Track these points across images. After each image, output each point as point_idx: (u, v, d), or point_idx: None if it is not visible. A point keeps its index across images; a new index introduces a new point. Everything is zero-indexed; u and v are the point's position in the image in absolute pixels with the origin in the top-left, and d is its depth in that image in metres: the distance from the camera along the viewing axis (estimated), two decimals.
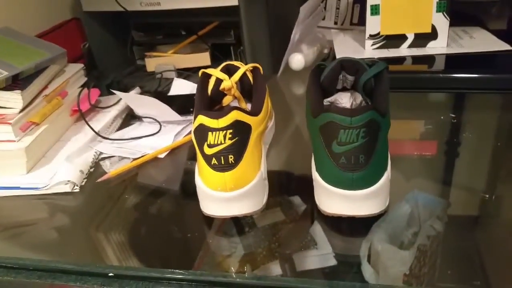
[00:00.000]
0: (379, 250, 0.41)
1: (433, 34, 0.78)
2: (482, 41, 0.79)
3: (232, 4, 0.73)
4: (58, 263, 0.45)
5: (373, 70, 0.47)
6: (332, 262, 0.40)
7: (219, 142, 0.42)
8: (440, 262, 0.39)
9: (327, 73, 0.49)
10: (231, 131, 0.42)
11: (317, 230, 0.45)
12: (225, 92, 0.49)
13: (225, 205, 0.44)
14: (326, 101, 0.53)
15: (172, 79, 0.82)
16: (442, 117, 0.64)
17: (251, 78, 0.51)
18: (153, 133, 0.65)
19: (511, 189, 0.48)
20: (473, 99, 0.69)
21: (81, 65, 0.76)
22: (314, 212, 0.47)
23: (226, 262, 0.42)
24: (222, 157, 0.42)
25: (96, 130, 0.65)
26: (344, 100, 0.52)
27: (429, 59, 0.76)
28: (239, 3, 0.72)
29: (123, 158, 0.61)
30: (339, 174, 0.42)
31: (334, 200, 0.43)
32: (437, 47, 0.78)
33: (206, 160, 0.43)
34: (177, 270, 0.42)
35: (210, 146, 0.42)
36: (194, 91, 0.77)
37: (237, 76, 0.49)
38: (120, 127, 0.70)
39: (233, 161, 0.42)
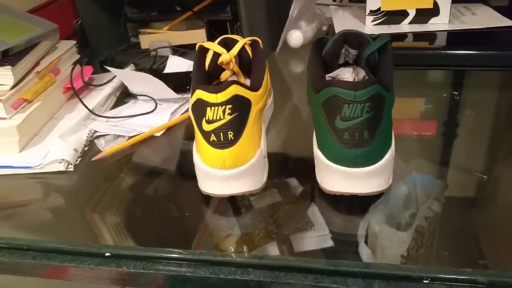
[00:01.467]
0: (376, 231, 0.41)
1: (434, 10, 0.76)
2: (484, 17, 0.77)
3: None
4: (52, 243, 0.44)
5: (377, 43, 0.45)
6: (329, 243, 0.40)
7: (218, 118, 0.41)
8: (437, 243, 0.39)
9: (329, 47, 0.48)
10: (230, 106, 0.41)
11: (315, 211, 0.44)
12: (223, 66, 0.47)
13: (224, 184, 0.43)
14: (328, 77, 0.51)
15: (167, 56, 0.80)
16: (444, 95, 0.63)
17: (250, 52, 0.49)
18: (149, 111, 0.64)
19: (509, 170, 0.47)
20: (475, 76, 0.68)
21: (73, 42, 0.74)
22: (312, 193, 0.46)
23: (223, 243, 0.41)
24: (221, 134, 0.41)
25: (90, 108, 0.63)
26: (347, 75, 0.50)
27: (431, 36, 0.75)
28: None
29: (118, 136, 0.59)
30: (342, 151, 0.40)
31: (336, 177, 0.42)
32: (439, 23, 0.76)
33: (204, 136, 0.42)
34: (175, 250, 0.41)
35: (208, 122, 0.41)
36: (190, 69, 0.76)
37: (235, 49, 0.48)
38: (115, 106, 0.68)
39: (232, 138, 0.41)
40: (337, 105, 0.40)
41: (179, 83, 0.69)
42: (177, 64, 0.77)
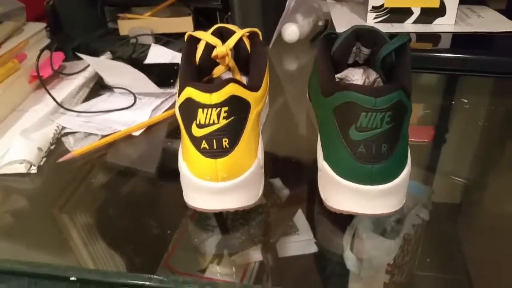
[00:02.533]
0: (363, 239, 0.38)
1: (441, 10, 0.70)
2: (491, 21, 0.72)
3: None
4: (6, 263, 0.37)
5: (395, 42, 0.39)
6: (313, 248, 0.37)
7: (211, 122, 0.34)
8: (423, 251, 0.37)
9: (339, 44, 0.41)
10: (226, 108, 0.34)
11: (299, 215, 0.40)
12: (217, 60, 0.40)
13: (215, 197, 0.36)
14: (335, 77, 0.45)
15: (149, 45, 0.73)
16: (443, 100, 0.58)
17: (248, 46, 0.42)
18: (127, 107, 0.56)
19: (498, 179, 0.45)
20: (480, 82, 0.63)
21: (43, 25, 0.66)
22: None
23: (202, 246, 0.37)
24: (214, 140, 0.34)
25: (59, 100, 0.56)
26: (356, 77, 0.44)
27: (436, 37, 0.70)
28: None
29: (89, 134, 0.52)
30: (355, 166, 0.34)
31: (345, 195, 0.36)
32: (445, 24, 0.71)
33: (194, 143, 0.35)
34: (154, 276, 0.34)
35: (200, 126, 0.34)
36: (174, 60, 0.69)
37: (232, 41, 0.41)
38: (87, 98, 0.61)
39: (227, 146, 0.35)
40: (353, 113, 0.34)
41: (162, 76, 0.62)
42: (160, 54, 0.70)
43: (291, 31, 0.72)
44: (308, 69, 0.50)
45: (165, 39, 0.74)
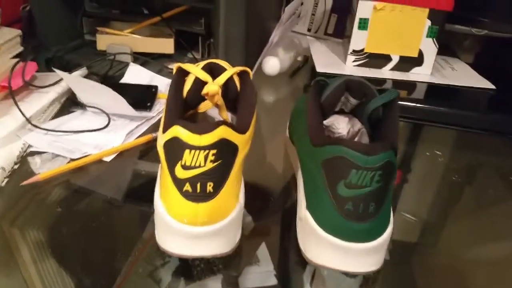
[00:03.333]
0: (324, 275, 0.38)
1: (419, 60, 0.73)
2: (464, 75, 0.75)
3: None
4: None
5: (384, 97, 0.40)
6: (273, 281, 0.37)
7: (197, 165, 0.33)
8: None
9: (330, 92, 0.41)
10: (214, 151, 0.33)
11: (261, 246, 0.40)
12: (206, 98, 0.39)
13: (191, 242, 0.35)
14: None
15: (127, 63, 0.70)
16: (427, 153, 0.59)
17: (238, 84, 0.41)
18: (99, 128, 0.54)
19: (460, 223, 0.46)
20: (447, 133, 0.65)
21: (18, 31, 0.62)
22: (259, 228, 0.42)
23: (157, 273, 0.36)
24: (198, 184, 0.33)
25: (28, 115, 0.52)
26: (342, 125, 0.44)
27: (411, 86, 0.71)
28: None
29: (57, 156, 0.49)
30: (340, 222, 0.34)
31: (327, 250, 0.35)
32: (421, 73, 0.73)
33: (176, 184, 0.33)
34: None
35: (185, 167, 0.33)
36: (152, 82, 0.67)
37: (222, 79, 0.40)
38: (57, 114, 0.58)
39: (211, 190, 0.33)
40: (343, 168, 0.33)
41: (138, 98, 0.60)
42: (138, 74, 0.68)
43: (272, 64, 0.72)
44: (287, 102, 0.50)
45: (143, 59, 0.72)
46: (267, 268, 0.38)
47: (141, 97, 0.60)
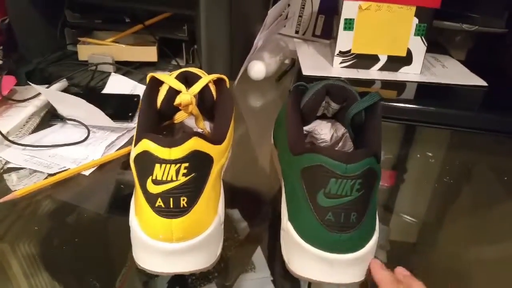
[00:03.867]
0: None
1: (407, 59, 0.71)
2: (454, 72, 0.74)
3: None
4: None
5: (366, 101, 0.38)
6: (270, 287, 0.36)
7: (169, 179, 0.31)
8: None
9: (309, 98, 0.40)
10: (187, 164, 0.31)
11: (257, 252, 0.39)
12: (180, 108, 0.38)
13: (168, 259, 0.33)
14: (303, 130, 0.44)
15: (109, 73, 0.69)
16: (418, 155, 0.58)
17: (214, 92, 0.40)
18: (79, 141, 0.52)
19: (457, 223, 0.46)
20: (439, 133, 0.64)
21: None
22: (255, 234, 0.42)
23: (152, 283, 0.36)
24: (171, 199, 0.31)
25: (5, 130, 0.51)
26: (324, 131, 0.43)
27: (401, 86, 0.70)
28: None
29: (35, 171, 0.47)
30: (322, 233, 0.32)
31: (309, 261, 0.34)
32: (410, 73, 0.72)
33: (148, 199, 0.32)
34: None
35: (156, 182, 0.31)
36: (134, 91, 0.66)
37: (197, 88, 0.39)
38: (37, 129, 0.56)
39: (185, 205, 0.32)
40: (322, 178, 0.32)
41: (120, 108, 0.59)
42: (119, 84, 0.66)
43: (257, 68, 0.71)
44: (274, 107, 0.49)
45: (126, 69, 0.70)
46: (263, 274, 0.37)
47: (122, 107, 0.59)
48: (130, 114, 0.58)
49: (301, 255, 0.34)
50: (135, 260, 0.35)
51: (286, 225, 0.36)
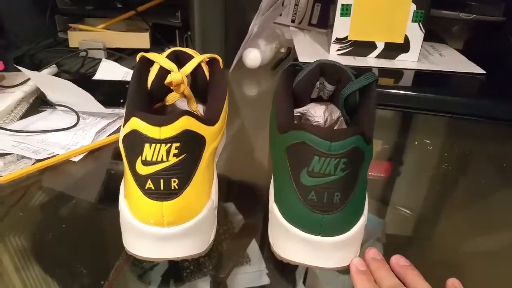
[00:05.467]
0: (317, 272, 0.36)
1: (405, 46, 0.70)
2: (452, 60, 0.73)
3: None
4: None
5: (360, 82, 0.37)
6: (265, 280, 0.35)
7: (159, 159, 0.30)
8: None
9: (302, 77, 0.39)
10: (178, 145, 0.30)
11: (252, 245, 0.38)
12: (171, 87, 0.36)
13: (159, 245, 0.32)
14: (296, 112, 0.42)
15: (100, 60, 0.67)
16: (416, 142, 0.57)
17: (207, 73, 0.39)
18: (68, 127, 0.51)
19: (455, 215, 0.44)
20: (438, 121, 0.63)
21: None
22: (249, 226, 0.40)
23: (146, 276, 0.34)
24: (161, 180, 0.30)
25: None
26: (318, 113, 0.42)
27: (398, 73, 0.69)
28: None
29: (22, 157, 0.46)
30: (305, 214, 0.31)
31: (293, 244, 0.33)
32: (408, 60, 0.71)
33: (138, 182, 0.30)
34: None
35: (145, 163, 0.30)
36: (126, 78, 0.64)
37: (189, 67, 0.37)
38: (25, 115, 0.55)
39: (176, 187, 0.30)
40: (305, 155, 0.30)
41: (111, 94, 0.57)
42: (111, 71, 0.65)
43: (253, 56, 0.69)
44: (269, 96, 0.48)
45: (118, 55, 0.69)
46: (258, 267, 0.36)
47: (113, 93, 0.57)
48: (121, 100, 0.57)
49: (285, 237, 0.33)
50: (124, 246, 0.34)
51: (272, 206, 0.34)
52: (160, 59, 0.37)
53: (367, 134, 0.32)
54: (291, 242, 0.33)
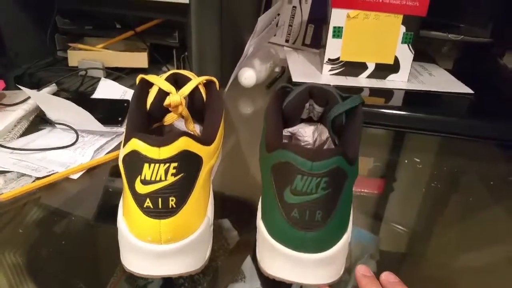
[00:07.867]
0: None
1: (395, 67, 0.72)
2: (442, 80, 0.75)
3: (181, 1, 0.62)
4: None
5: (346, 104, 0.39)
6: None
7: (158, 179, 0.31)
8: None
9: (292, 98, 0.40)
10: (175, 164, 0.31)
11: (247, 262, 0.39)
12: (170, 109, 0.38)
13: (156, 262, 0.33)
14: (286, 131, 0.44)
15: (99, 78, 0.69)
16: (406, 161, 0.58)
17: (204, 94, 0.40)
18: (67, 145, 0.52)
19: (445, 231, 0.46)
20: (427, 140, 0.64)
21: None
22: (244, 243, 0.41)
23: None
24: (160, 199, 0.31)
25: None
26: (308, 133, 0.43)
27: (388, 93, 0.71)
28: (190, 1, 0.61)
29: (22, 175, 0.47)
30: (288, 230, 0.32)
31: (278, 260, 0.34)
32: (398, 80, 0.73)
33: (136, 200, 0.32)
34: None
35: (144, 182, 0.31)
36: (125, 96, 0.66)
37: (186, 89, 0.39)
38: (25, 132, 0.56)
39: (174, 205, 0.32)
40: (289, 174, 0.32)
41: (109, 112, 0.58)
42: (109, 89, 0.66)
43: (248, 75, 0.71)
44: (263, 114, 0.49)
45: (116, 74, 0.71)
46: (253, 284, 0.37)
47: (112, 112, 0.58)
48: (119, 118, 0.58)
49: (270, 254, 0.34)
50: (122, 263, 0.35)
51: (258, 224, 0.36)
52: (159, 82, 0.38)
53: (349, 155, 0.33)
54: (276, 259, 0.34)
